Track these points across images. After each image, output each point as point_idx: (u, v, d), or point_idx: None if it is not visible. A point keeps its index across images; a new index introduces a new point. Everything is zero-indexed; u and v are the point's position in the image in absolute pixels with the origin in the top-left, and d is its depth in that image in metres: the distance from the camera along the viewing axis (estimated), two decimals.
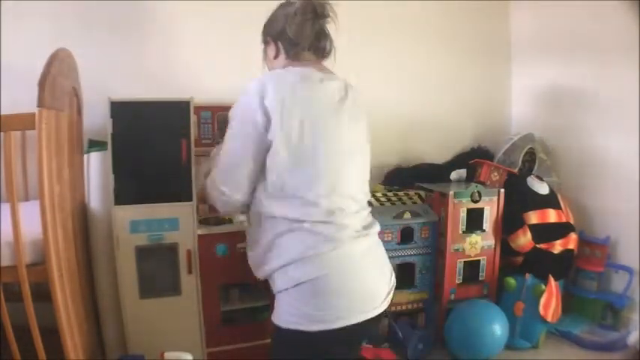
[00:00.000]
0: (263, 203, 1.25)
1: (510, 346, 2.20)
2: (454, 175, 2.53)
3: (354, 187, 1.30)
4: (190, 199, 1.76)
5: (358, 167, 1.34)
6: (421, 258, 2.24)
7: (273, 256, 1.24)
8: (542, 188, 2.38)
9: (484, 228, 2.29)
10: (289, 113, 1.20)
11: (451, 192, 2.21)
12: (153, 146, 1.70)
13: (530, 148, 2.62)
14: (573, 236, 2.36)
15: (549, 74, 2.73)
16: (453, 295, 2.27)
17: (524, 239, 2.29)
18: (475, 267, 2.31)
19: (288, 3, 1.35)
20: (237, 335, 1.89)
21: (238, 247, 1.83)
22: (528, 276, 2.24)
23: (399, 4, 2.59)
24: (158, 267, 1.76)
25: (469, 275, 2.30)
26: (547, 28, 2.73)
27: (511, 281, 2.25)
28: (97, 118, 1.87)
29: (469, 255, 2.28)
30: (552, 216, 2.32)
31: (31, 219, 1.28)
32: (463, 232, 2.25)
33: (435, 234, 2.25)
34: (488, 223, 2.29)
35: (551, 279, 2.21)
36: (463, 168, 2.56)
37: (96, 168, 1.81)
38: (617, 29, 2.31)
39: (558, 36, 2.65)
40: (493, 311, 2.15)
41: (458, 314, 2.16)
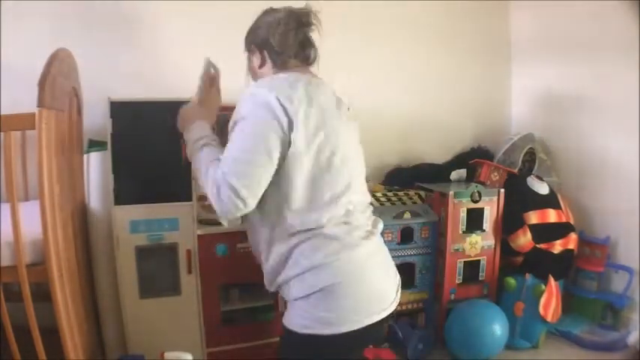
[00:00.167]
0: (282, 215, 1.20)
1: (510, 346, 2.20)
2: (454, 175, 2.53)
3: (361, 188, 1.33)
4: (190, 199, 1.76)
5: (360, 168, 1.36)
6: (421, 258, 2.24)
7: (289, 266, 1.22)
8: (542, 188, 2.38)
9: (484, 228, 2.29)
10: (309, 118, 1.19)
11: (451, 192, 2.21)
12: (153, 146, 1.70)
13: (530, 148, 2.62)
14: (573, 236, 2.36)
15: (549, 74, 2.73)
16: (453, 295, 2.27)
17: (524, 239, 2.29)
18: (475, 267, 2.31)
19: (271, 10, 1.35)
20: (237, 335, 1.89)
21: (238, 247, 1.83)
22: (528, 276, 2.24)
23: (399, 4, 2.59)
24: (158, 267, 1.76)
25: (469, 275, 2.30)
26: (547, 28, 2.73)
27: (511, 281, 2.25)
28: (97, 118, 1.87)
29: (469, 255, 2.28)
30: (552, 216, 2.32)
31: (31, 219, 1.28)
32: (463, 232, 2.25)
33: (435, 234, 2.25)
34: (488, 223, 2.30)
35: (551, 279, 2.21)
36: (463, 168, 2.56)
37: (96, 168, 1.81)
38: (617, 29, 2.31)
39: (558, 36, 2.65)
40: (493, 311, 2.15)
41: (458, 314, 2.16)
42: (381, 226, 1.35)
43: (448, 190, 2.22)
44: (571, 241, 2.34)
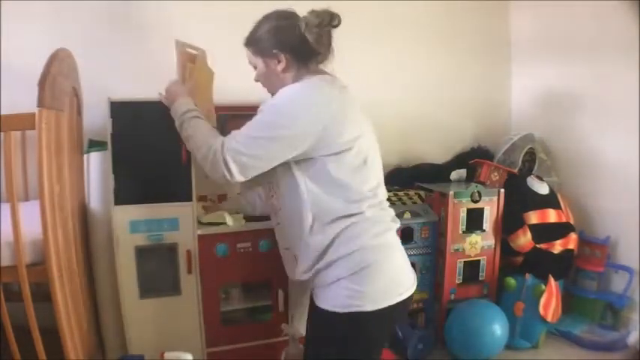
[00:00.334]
0: (330, 204, 1.25)
1: (510, 346, 2.21)
2: (454, 175, 2.53)
3: (383, 183, 1.41)
4: (190, 199, 1.76)
5: (380, 163, 1.42)
6: (421, 258, 2.24)
7: (334, 249, 1.26)
8: (542, 188, 2.38)
9: (484, 228, 2.29)
10: (348, 117, 1.26)
11: (451, 192, 2.21)
12: (153, 146, 1.70)
13: (530, 148, 2.62)
14: (573, 236, 2.36)
15: (549, 74, 2.73)
16: (453, 295, 2.27)
17: (524, 239, 2.29)
18: (475, 267, 2.31)
19: (287, 14, 1.34)
20: (237, 335, 1.89)
21: (238, 247, 1.83)
22: (528, 276, 2.24)
23: (399, 4, 2.59)
24: (158, 267, 1.76)
25: (469, 275, 2.30)
26: (547, 28, 2.73)
27: (511, 281, 2.25)
28: (97, 118, 1.87)
29: (469, 255, 2.28)
30: (552, 216, 2.32)
31: (31, 219, 1.28)
32: (463, 232, 2.25)
33: (435, 234, 2.25)
34: (488, 223, 2.30)
35: (551, 279, 2.21)
36: (463, 168, 2.56)
37: (96, 168, 1.81)
38: (617, 29, 2.31)
39: (558, 36, 2.65)
40: (493, 311, 2.15)
41: (458, 314, 2.16)
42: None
43: (448, 190, 2.22)
44: (571, 241, 2.34)
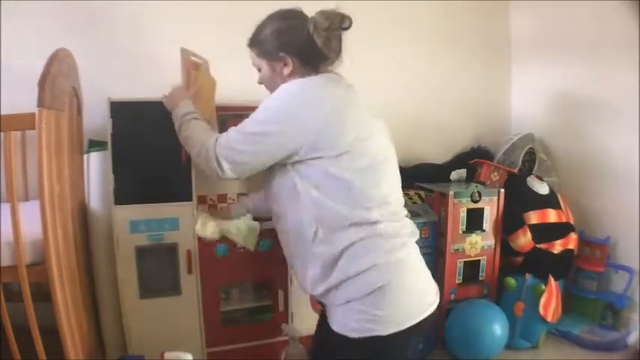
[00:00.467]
0: (330, 213, 1.18)
1: (510, 346, 2.21)
2: (454, 175, 2.53)
3: (400, 188, 1.32)
4: (190, 199, 1.76)
5: (397, 168, 1.34)
6: None
7: (341, 267, 1.18)
8: (542, 188, 2.38)
9: (484, 228, 2.29)
10: (350, 119, 1.19)
11: (451, 192, 2.21)
12: (153, 146, 1.70)
13: (530, 148, 2.62)
14: (573, 236, 2.36)
15: (549, 74, 2.73)
16: (453, 295, 2.27)
17: (524, 239, 2.29)
18: (475, 267, 2.31)
19: (294, 14, 1.29)
20: (237, 335, 1.89)
21: (238, 247, 1.83)
22: (528, 276, 2.25)
23: (400, 4, 2.59)
24: (158, 267, 1.76)
25: (469, 275, 2.30)
26: (547, 28, 2.73)
27: (511, 281, 2.25)
28: (97, 118, 1.87)
29: (469, 255, 2.28)
30: (552, 216, 2.32)
31: (31, 219, 1.28)
32: (463, 232, 2.25)
33: (435, 234, 2.25)
34: (488, 223, 2.30)
35: (551, 279, 2.21)
36: (463, 168, 2.56)
37: (96, 168, 1.81)
38: (617, 29, 2.31)
39: (558, 36, 2.65)
40: (493, 311, 2.15)
41: (458, 314, 2.16)
42: (416, 228, 1.33)
43: (448, 190, 2.22)
44: (571, 241, 2.34)
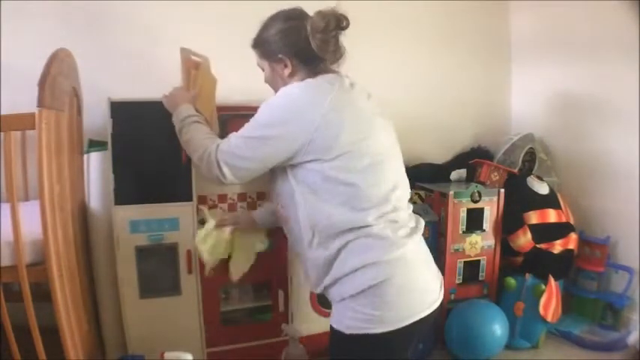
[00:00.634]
0: (327, 215, 1.20)
1: (510, 346, 2.20)
2: (454, 175, 2.53)
3: (404, 186, 1.32)
4: (190, 199, 1.76)
5: (402, 166, 1.34)
6: None
7: (337, 266, 1.21)
8: (542, 188, 2.38)
9: (484, 228, 2.29)
10: (348, 118, 1.19)
11: (451, 192, 2.21)
12: (153, 146, 1.70)
13: (530, 148, 2.62)
14: (573, 236, 2.36)
15: (549, 74, 2.72)
16: (453, 295, 2.27)
17: (524, 239, 2.29)
18: (475, 267, 2.31)
19: (295, 15, 1.30)
20: (237, 335, 1.89)
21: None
22: (528, 276, 2.24)
23: (400, 4, 2.59)
24: (158, 267, 1.76)
25: (469, 275, 2.30)
26: (547, 28, 2.73)
27: (511, 281, 2.25)
28: (97, 118, 1.87)
29: (469, 255, 2.28)
30: (552, 216, 2.32)
31: (31, 219, 1.28)
32: (463, 232, 2.25)
33: (435, 234, 2.25)
34: (488, 223, 2.29)
35: (551, 279, 2.21)
36: (463, 168, 2.56)
37: (96, 168, 1.81)
38: (617, 29, 2.31)
39: (558, 36, 2.65)
40: (493, 311, 2.15)
41: (458, 314, 2.16)
42: (423, 224, 1.33)
43: (448, 190, 2.22)
44: (571, 241, 2.34)
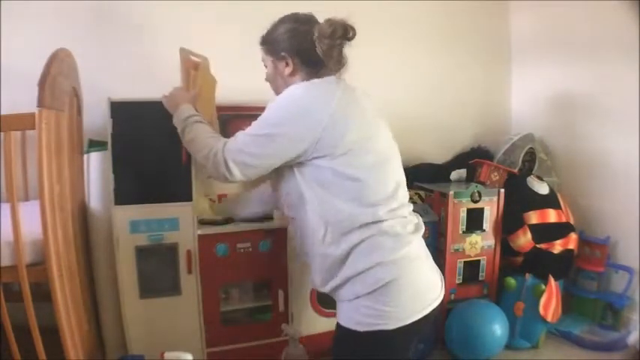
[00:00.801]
0: (337, 211, 1.22)
1: (510, 346, 2.20)
2: (454, 175, 2.53)
3: (404, 184, 1.35)
4: (190, 199, 1.76)
5: (400, 165, 1.37)
6: None
7: (349, 265, 1.23)
8: (542, 188, 2.38)
9: (484, 228, 2.29)
10: (351, 119, 1.22)
11: (451, 192, 2.21)
12: (153, 146, 1.70)
13: (530, 148, 2.62)
14: (573, 236, 2.36)
15: (549, 74, 2.72)
16: (453, 295, 2.27)
17: (524, 239, 2.29)
18: (475, 267, 2.31)
19: (305, 19, 1.33)
20: (237, 335, 1.89)
21: (238, 247, 1.83)
22: (528, 276, 2.24)
23: (400, 4, 2.59)
24: (158, 267, 1.76)
25: (469, 275, 2.30)
26: (547, 29, 2.73)
27: (511, 281, 2.25)
28: (97, 118, 1.87)
29: (469, 255, 2.28)
30: (552, 216, 2.32)
31: (31, 219, 1.28)
32: (463, 232, 2.25)
33: (435, 234, 2.25)
34: (488, 223, 2.29)
35: (551, 279, 2.21)
36: (463, 168, 2.56)
37: (96, 168, 1.81)
38: (617, 30, 2.31)
39: (558, 36, 2.65)
40: (493, 311, 2.15)
41: (458, 314, 2.16)
42: (422, 222, 1.36)
43: (448, 190, 2.22)
44: (571, 241, 2.34)
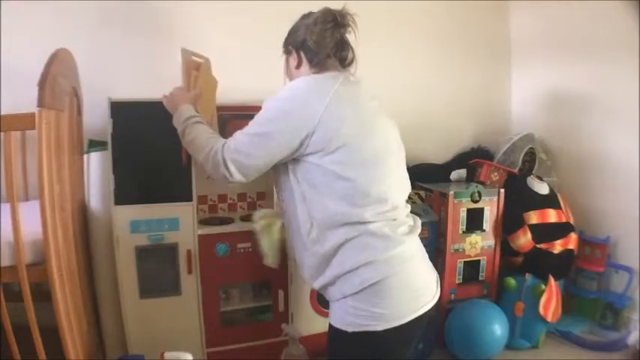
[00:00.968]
0: (325, 210, 1.21)
1: (510, 346, 2.20)
2: (454, 175, 2.53)
3: (403, 184, 1.36)
4: (190, 199, 1.76)
5: (403, 165, 1.38)
6: None
7: (335, 264, 1.23)
8: (542, 188, 2.38)
9: (484, 228, 2.29)
10: (346, 115, 1.21)
11: (451, 192, 2.21)
12: (153, 146, 1.70)
13: (530, 148, 2.62)
14: (573, 236, 2.36)
15: (549, 74, 2.73)
16: (453, 295, 2.27)
17: (524, 239, 2.29)
18: (475, 267, 2.31)
19: (309, 14, 1.36)
20: (237, 335, 1.89)
21: (238, 247, 1.83)
22: (528, 276, 2.25)
23: (400, 4, 2.59)
24: (158, 267, 1.76)
25: (469, 275, 2.30)
26: (547, 28, 2.73)
27: (511, 281, 2.25)
28: (97, 118, 1.87)
29: (469, 255, 2.28)
30: (552, 216, 2.32)
31: (31, 219, 1.28)
32: (463, 232, 2.25)
33: (435, 234, 2.25)
34: (488, 223, 2.29)
35: (551, 279, 2.21)
36: (463, 168, 2.56)
37: (96, 168, 1.81)
38: (617, 29, 2.31)
39: (558, 36, 2.65)
40: (493, 311, 2.15)
41: (458, 314, 2.16)
42: (420, 223, 1.36)
43: (448, 190, 2.22)
44: (571, 241, 2.34)
